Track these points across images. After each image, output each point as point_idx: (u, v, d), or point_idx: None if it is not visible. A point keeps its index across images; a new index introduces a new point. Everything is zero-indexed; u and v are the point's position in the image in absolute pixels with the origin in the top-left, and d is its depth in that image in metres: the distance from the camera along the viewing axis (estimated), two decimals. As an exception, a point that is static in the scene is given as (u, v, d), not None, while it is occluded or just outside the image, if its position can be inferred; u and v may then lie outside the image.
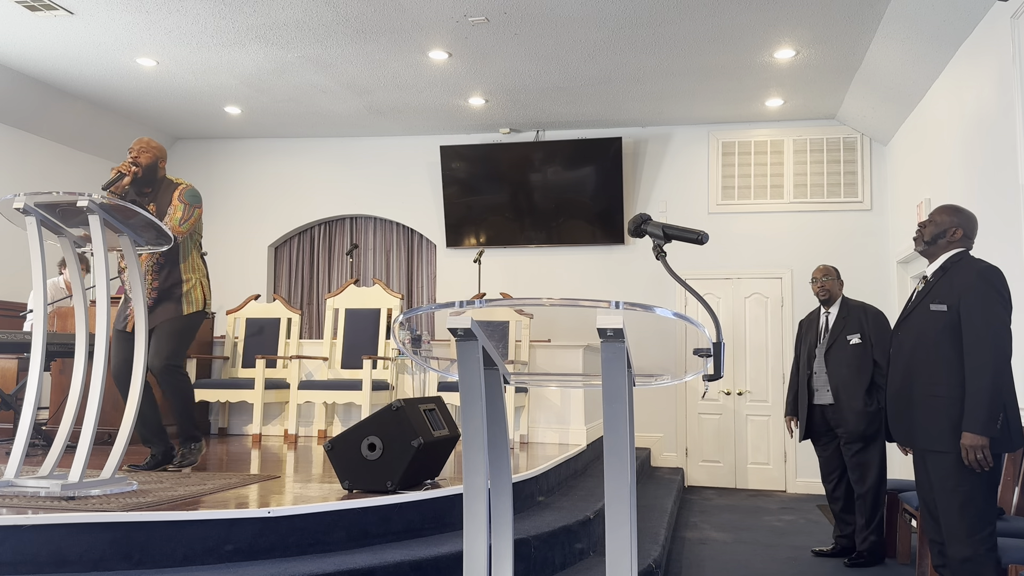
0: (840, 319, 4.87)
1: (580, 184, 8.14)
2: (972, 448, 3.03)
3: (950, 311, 3.17)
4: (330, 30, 6.02)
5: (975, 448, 3.02)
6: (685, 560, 4.81)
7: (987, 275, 3.14)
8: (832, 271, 4.99)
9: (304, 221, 8.94)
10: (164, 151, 4.10)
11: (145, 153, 3.99)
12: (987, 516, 3.09)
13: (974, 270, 3.17)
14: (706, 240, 2.13)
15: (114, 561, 2.73)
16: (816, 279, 4.99)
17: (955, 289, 3.18)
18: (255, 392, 5.97)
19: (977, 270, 3.16)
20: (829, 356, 4.83)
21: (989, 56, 4.87)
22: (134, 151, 3.99)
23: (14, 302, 7.31)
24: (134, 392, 3.41)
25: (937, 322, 3.20)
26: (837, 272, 5.01)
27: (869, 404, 4.67)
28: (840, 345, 4.81)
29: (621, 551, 1.69)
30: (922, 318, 3.28)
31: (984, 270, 3.16)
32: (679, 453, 7.99)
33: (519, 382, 2.13)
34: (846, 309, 4.89)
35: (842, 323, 4.85)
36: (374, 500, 3.26)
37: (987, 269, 3.16)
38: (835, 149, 7.93)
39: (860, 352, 4.72)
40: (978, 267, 3.18)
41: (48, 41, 6.33)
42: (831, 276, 4.97)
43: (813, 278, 5.02)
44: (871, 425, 4.67)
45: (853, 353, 4.75)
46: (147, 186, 4.07)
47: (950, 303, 3.17)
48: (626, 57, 6.47)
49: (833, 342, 4.84)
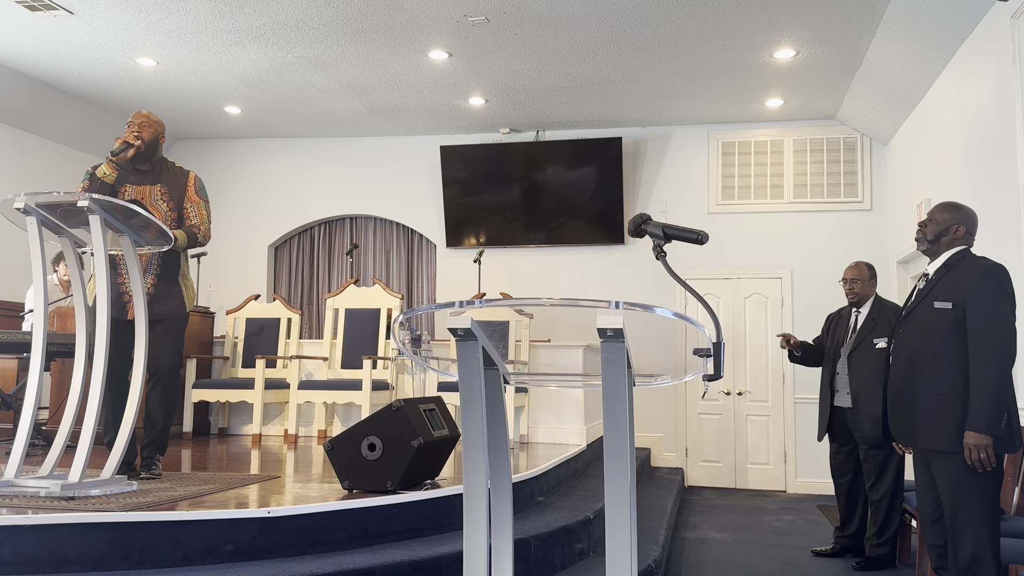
0: (869, 320, 4.68)
1: (580, 184, 8.14)
2: (976, 447, 2.99)
3: (955, 308, 3.13)
4: (330, 30, 6.02)
5: (979, 447, 2.99)
6: (685, 560, 4.81)
7: (993, 272, 3.11)
8: (864, 271, 4.74)
9: (304, 221, 8.94)
10: (163, 125, 3.94)
11: (147, 128, 3.83)
12: (993, 517, 3.07)
13: (980, 267, 3.14)
14: (706, 240, 2.13)
15: (114, 561, 2.74)
16: (845, 279, 4.79)
17: (960, 286, 3.14)
18: (255, 392, 5.97)
19: (983, 267, 3.13)
20: (853, 358, 4.67)
21: (989, 56, 4.87)
22: (135, 125, 3.81)
23: (14, 302, 7.31)
24: (135, 390, 3.40)
25: (941, 320, 3.16)
26: (871, 271, 4.77)
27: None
28: (865, 347, 4.63)
29: (621, 551, 1.69)
30: (925, 316, 3.24)
31: (990, 267, 3.12)
32: (679, 453, 7.99)
33: (519, 382, 2.13)
34: (877, 310, 4.68)
35: (871, 324, 4.66)
36: (374, 500, 3.26)
37: (993, 267, 3.13)
38: (835, 149, 7.92)
39: (885, 357, 4.43)
40: (984, 264, 3.15)
41: (48, 41, 6.33)
42: (862, 278, 4.73)
43: (843, 278, 4.82)
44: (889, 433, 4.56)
45: (878, 357, 4.55)
46: (146, 162, 3.88)
47: (955, 300, 3.14)
48: (626, 57, 6.47)
49: (859, 344, 4.66)
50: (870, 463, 4.63)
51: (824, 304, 7.68)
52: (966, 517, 3.07)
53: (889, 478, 4.58)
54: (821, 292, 7.77)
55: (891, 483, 4.58)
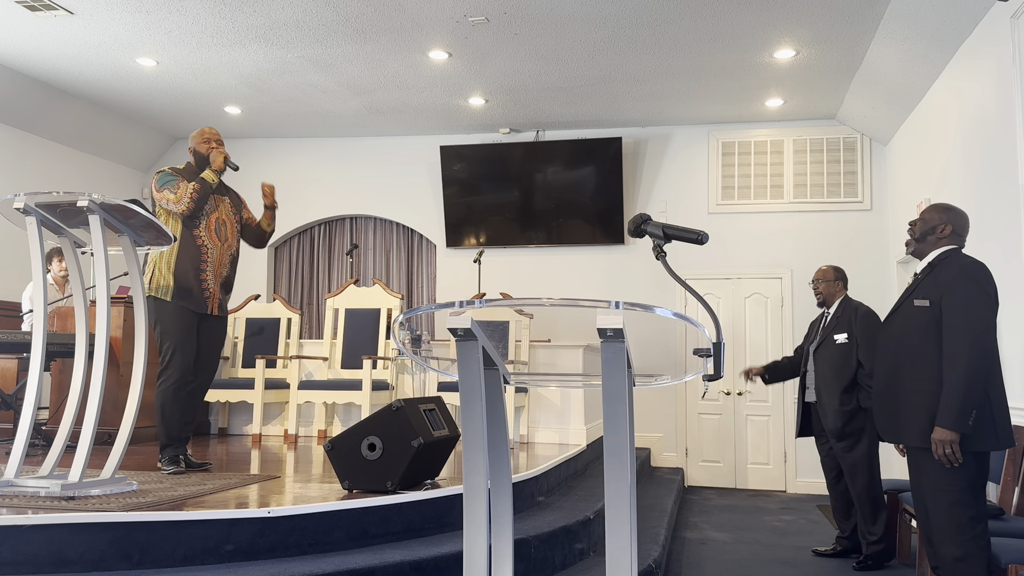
0: (834, 319, 4.88)
1: (580, 184, 8.14)
2: (940, 443, 3.03)
3: (932, 307, 3.16)
4: (330, 30, 6.02)
5: (943, 443, 3.02)
6: (685, 560, 4.81)
7: (970, 271, 3.12)
8: (829, 273, 4.98)
9: (304, 221, 8.94)
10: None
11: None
12: (978, 515, 3.08)
13: (958, 265, 3.16)
14: (706, 240, 2.13)
15: (114, 561, 2.73)
16: (813, 282, 5.04)
17: (939, 285, 3.17)
18: (255, 392, 5.97)
19: (960, 265, 3.16)
20: (817, 355, 4.86)
21: (989, 56, 4.87)
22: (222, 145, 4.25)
23: (14, 302, 7.31)
24: (135, 388, 3.40)
25: (920, 318, 3.20)
26: (838, 273, 4.98)
27: (846, 403, 4.65)
28: (827, 344, 4.82)
29: (621, 551, 1.69)
30: (906, 314, 3.28)
31: (968, 266, 3.14)
32: (679, 453, 7.99)
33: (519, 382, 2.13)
34: (842, 309, 4.89)
35: (834, 322, 4.86)
36: (374, 500, 3.26)
37: (971, 265, 3.14)
38: (835, 149, 7.93)
39: (844, 351, 4.71)
40: (962, 263, 3.17)
41: (48, 41, 6.33)
42: (827, 279, 4.97)
43: (812, 280, 5.05)
44: (849, 424, 4.65)
45: (837, 352, 4.75)
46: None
47: (933, 299, 3.17)
48: (626, 57, 6.47)
49: (822, 341, 4.85)
50: (842, 456, 4.72)
51: (824, 304, 7.68)
52: (944, 514, 3.09)
53: (863, 470, 4.66)
54: (821, 292, 7.76)
55: (867, 475, 4.66)
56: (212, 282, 4.12)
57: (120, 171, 8.83)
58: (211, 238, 4.12)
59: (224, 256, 4.19)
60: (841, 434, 4.69)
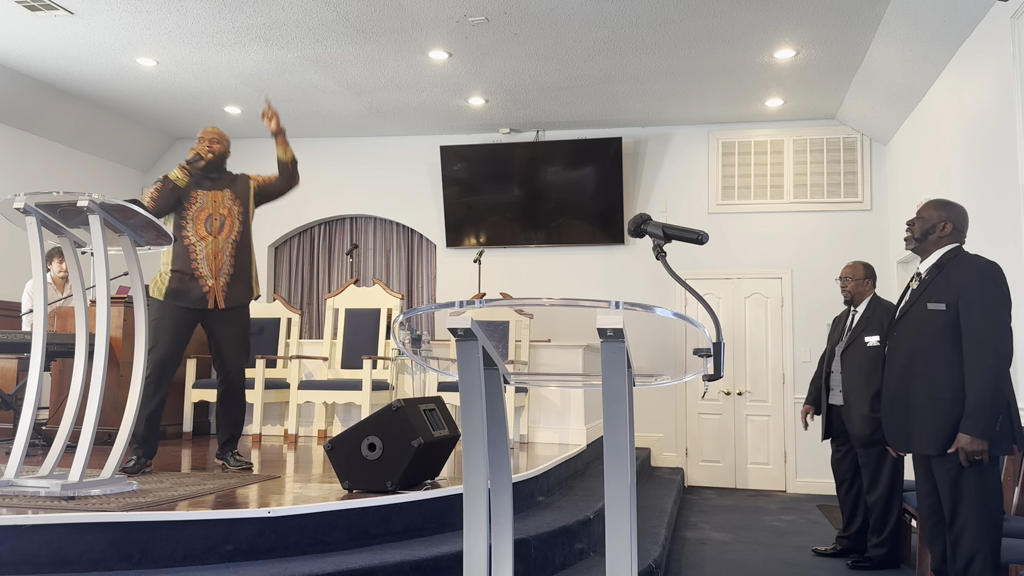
0: (863, 319, 4.69)
1: (580, 184, 8.14)
2: (971, 452, 2.97)
3: (949, 309, 3.08)
4: (330, 30, 6.02)
5: (975, 452, 2.97)
6: (685, 560, 4.81)
7: (987, 271, 3.06)
8: (859, 270, 4.78)
9: (304, 221, 8.94)
10: (230, 141, 4.39)
11: (217, 144, 4.24)
12: (994, 518, 3.06)
13: (973, 266, 3.09)
14: (706, 240, 2.13)
15: (114, 561, 2.73)
16: (841, 278, 4.85)
17: (953, 286, 3.10)
18: (255, 392, 5.97)
19: (976, 266, 3.09)
20: (845, 356, 4.69)
21: (989, 56, 4.87)
22: (207, 141, 4.21)
23: (15, 302, 7.31)
24: (135, 388, 3.40)
25: (936, 321, 3.12)
26: (867, 271, 4.79)
27: (877, 409, 4.45)
28: (857, 346, 4.64)
29: (621, 551, 1.69)
30: (920, 317, 3.19)
31: (984, 266, 3.08)
32: (679, 453, 7.99)
33: (519, 382, 2.13)
34: (872, 308, 4.70)
35: (864, 323, 4.67)
36: (374, 500, 3.26)
37: (987, 265, 3.08)
38: (835, 149, 7.92)
39: (876, 354, 4.49)
40: (977, 263, 3.10)
41: (48, 41, 6.33)
42: (855, 277, 4.77)
43: (840, 276, 4.86)
44: (877, 431, 4.46)
45: (868, 355, 4.56)
46: (214, 172, 4.27)
47: (949, 301, 3.09)
48: (626, 57, 6.47)
49: (851, 342, 4.68)
50: (866, 463, 4.62)
51: (824, 304, 7.68)
52: (966, 517, 3.05)
53: (885, 479, 4.57)
54: (821, 292, 7.77)
55: (887, 484, 4.57)
56: (209, 276, 4.11)
57: (120, 171, 8.83)
58: (196, 232, 4.11)
59: (221, 247, 4.15)
60: (868, 441, 4.54)
